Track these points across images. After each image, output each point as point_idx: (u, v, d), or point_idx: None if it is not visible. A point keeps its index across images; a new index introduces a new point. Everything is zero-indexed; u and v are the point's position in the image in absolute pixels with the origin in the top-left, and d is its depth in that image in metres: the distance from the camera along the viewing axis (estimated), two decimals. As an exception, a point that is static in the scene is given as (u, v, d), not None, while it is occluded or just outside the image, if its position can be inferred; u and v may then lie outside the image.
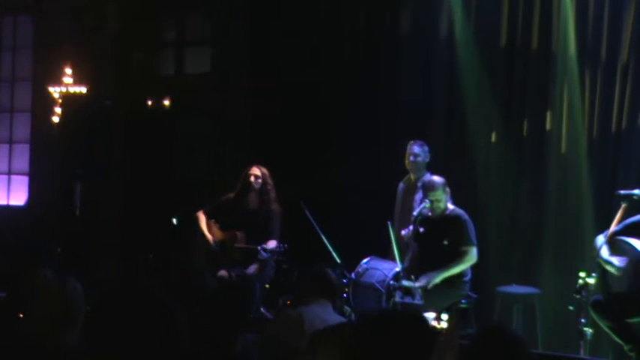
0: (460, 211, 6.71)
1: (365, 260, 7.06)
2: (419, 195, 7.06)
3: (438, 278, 6.53)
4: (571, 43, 7.14)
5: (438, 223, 6.68)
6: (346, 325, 3.50)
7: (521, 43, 7.51)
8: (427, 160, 7.18)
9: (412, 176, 7.22)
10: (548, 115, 7.38)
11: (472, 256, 6.62)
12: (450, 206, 6.73)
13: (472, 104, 7.67)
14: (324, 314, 4.36)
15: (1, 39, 10.60)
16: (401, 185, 7.37)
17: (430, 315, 5.85)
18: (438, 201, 6.62)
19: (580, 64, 7.14)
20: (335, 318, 4.48)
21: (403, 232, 6.89)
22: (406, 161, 7.18)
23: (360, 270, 6.99)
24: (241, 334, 3.75)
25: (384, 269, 6.88)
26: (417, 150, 7.15)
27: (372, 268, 6.97)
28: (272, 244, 7.08)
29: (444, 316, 5.91)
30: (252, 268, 7.14)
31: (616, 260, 5.85)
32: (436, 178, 6.72)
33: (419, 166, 7.16)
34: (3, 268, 7.40)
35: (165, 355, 2.28)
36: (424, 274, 6.50)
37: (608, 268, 5.87)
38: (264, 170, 7.31)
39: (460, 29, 7.73)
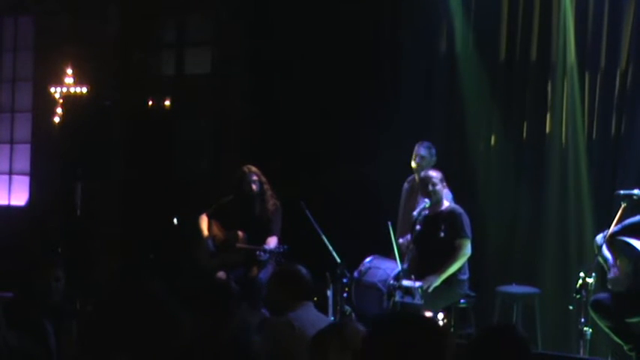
0: (455, 206, 6.79)
1: (368, 259, 7.05)
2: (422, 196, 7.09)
3: (438, 281, 6.55)
4: (571, 47, 7.15)
5: (434, 218, 6.72)
6: (348, 324, 3.51)
7: (521, 47, 7.51)
8: (433, 162, 7.19)
9: (417, 177, 7.22)
10: (548, 115, 7.39)
11: (466, 249, 6.65)
12: (446, 203, 6.80)
13: (472, 107, 7.68)
14: (312, 316, 4.40)
15: (2, 39, 10.59)
16: (405, 186, 7.38)
17: (428, 315, 5.86)
18: (434, 185, 6.65)
19: (580, 67, 7.15)
20: (323, 318, 4.54)
21: (401, 241, 6.91)
22: (412, 162, 7.20)
23: (362, 269, 6.97)
24: (226, 330, 3.78)
25: (387, 268, 6.86)
26: (423, 152, 7.18)
27: (374, 267, 6.96)
28: (272, 242, 7.09)
29: (440, 316, 5.92)
30: (255, 270, 7.16)
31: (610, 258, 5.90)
32: (433, 171, 6.82)
33: (424, 168, 7.17)
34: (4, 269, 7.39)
35: (166, 354, 2.28)
36: (424, 278, 6.51)
37: (603, 264, 5.92)
38: (256, 170, 7.32)
39: (460, 38, 7.75)
